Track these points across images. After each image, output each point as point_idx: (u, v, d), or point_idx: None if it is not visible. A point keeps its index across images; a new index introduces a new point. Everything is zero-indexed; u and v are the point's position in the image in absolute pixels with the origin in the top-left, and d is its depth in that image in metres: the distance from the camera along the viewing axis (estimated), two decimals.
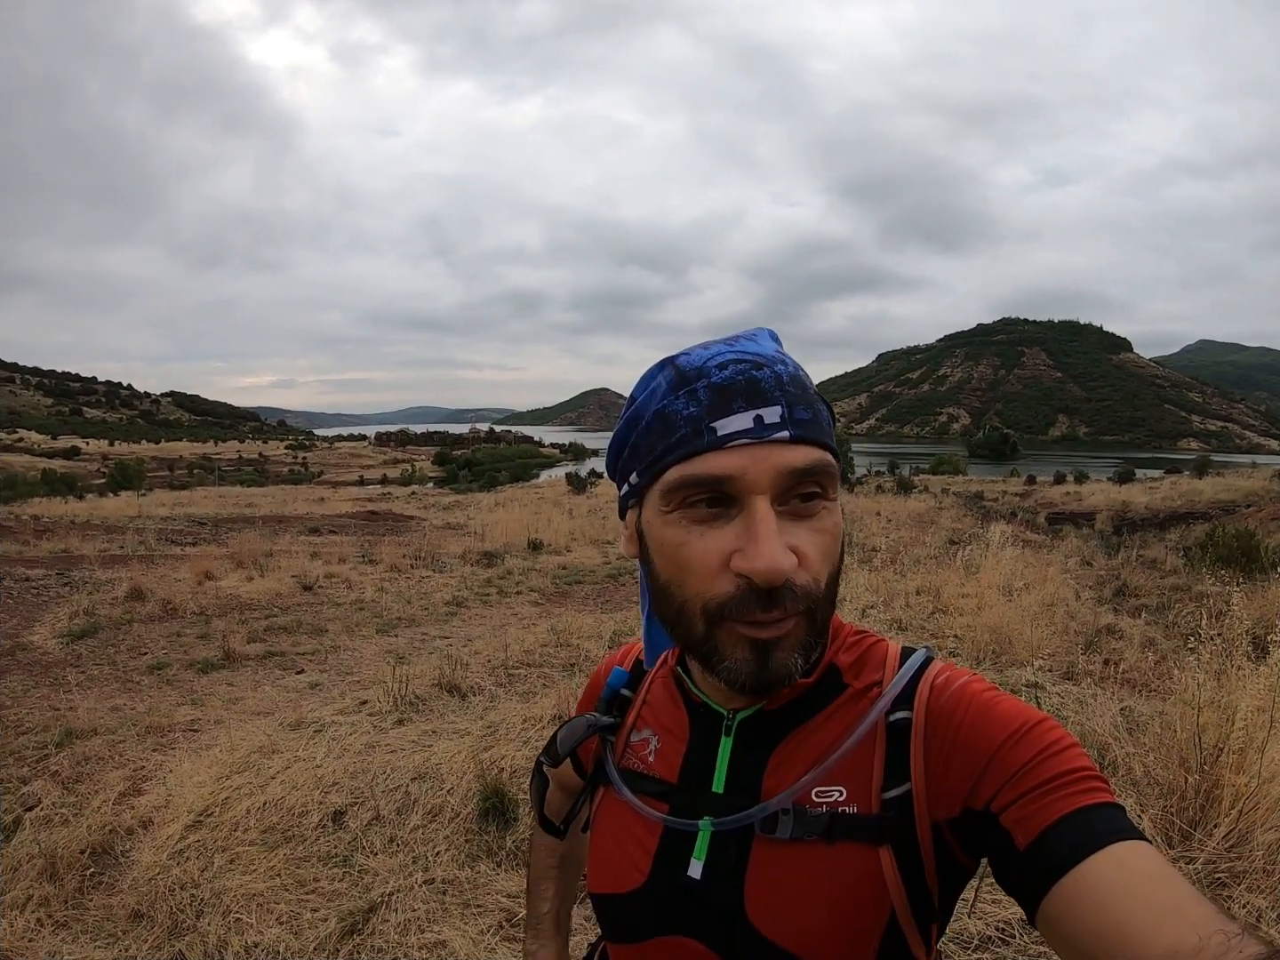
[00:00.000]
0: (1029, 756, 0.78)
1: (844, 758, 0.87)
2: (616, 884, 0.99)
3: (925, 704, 0.87)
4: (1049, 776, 0.76)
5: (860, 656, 0.95)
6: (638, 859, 0.96)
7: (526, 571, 14.20)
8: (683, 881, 0.92)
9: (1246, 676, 4.51)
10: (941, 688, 0.88)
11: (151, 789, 4.83)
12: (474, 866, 3.92)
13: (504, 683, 7.03)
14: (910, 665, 0.91)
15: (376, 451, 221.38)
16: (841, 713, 0.91)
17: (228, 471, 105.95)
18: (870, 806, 0.85)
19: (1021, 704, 0.85)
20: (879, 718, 0.88)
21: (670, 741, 1.01)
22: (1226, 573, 10.93)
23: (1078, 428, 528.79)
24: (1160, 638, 8.51)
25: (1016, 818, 0.75)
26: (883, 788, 0.85)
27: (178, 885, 3.72)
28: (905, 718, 0.87)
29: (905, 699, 0.89)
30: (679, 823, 0.93)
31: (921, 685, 0.89)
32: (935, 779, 0.83)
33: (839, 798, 0.86)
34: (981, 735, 0.81)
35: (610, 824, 1.03)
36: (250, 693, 7.07)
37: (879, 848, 0.84)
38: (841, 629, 0.97)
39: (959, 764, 0.82)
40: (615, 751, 1.07)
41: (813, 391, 0.85)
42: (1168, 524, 24.98)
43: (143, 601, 10.42)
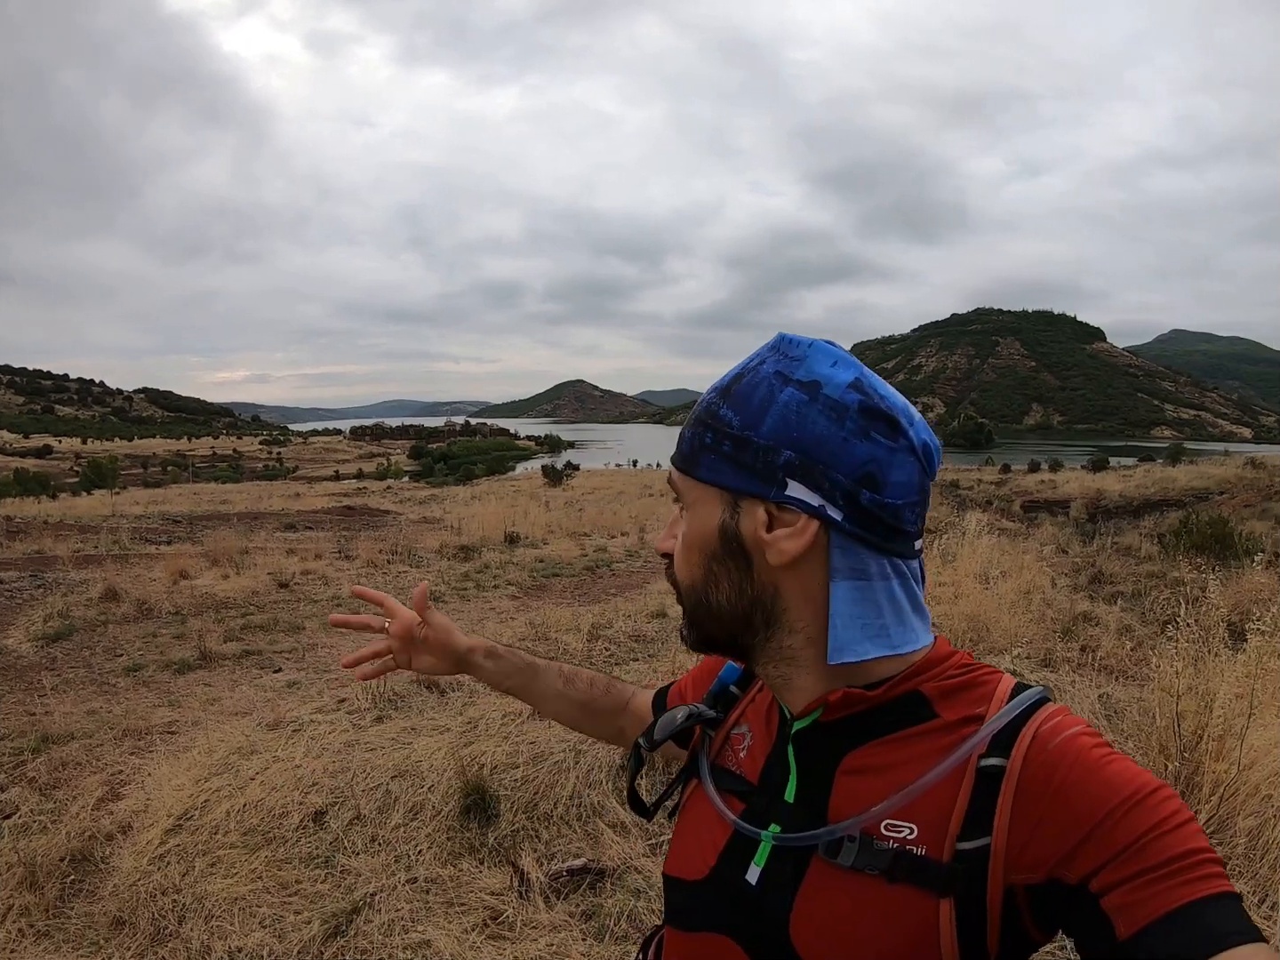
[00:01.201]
0: (1140, 832, 0.71)
1: (922, 793, 0.83)
2: (685, 870, 0.99)
3: (1024, 752, 0.80)
4: (1163, 859, 0.70)
5: (960, 687, 0.88)
6: (707, 852, 0.97)
7: (504, 565, 14.18)
8: (740, 884, 0.91)
9: (1224, 663, 4.56)
10: (1046, 736, 0.80)
11: (130, 793, 4.81)
12: (456, 864, 3.92)
13: None
14: (1016, 705, 0.84)
15: (352, 446, 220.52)
16: (925, 742, 0.86)
17: (202, 468, 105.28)
18: (941, 852, 0.80)
19: (1135, 767, 0.78)
20: (969, 758, 0.82)
21: (760, 742, 1.00)
22: (1201, 560, 11.03)
23: (1052, 416, 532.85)
24: (1136, 624, 8.58)
25: (1121, 903, 0.69)
26: (959, 836, 0.80)
27: (159, 891, 3.72)
28: (999, 764, 0.80)
29: (1004, 743, 0.81)
30: (745, 828, 0.93)
31: (1025, 731, 0.81)
32: (1020, 838, 0.77)
33: (909, 835, 0.82)
34: (1085, 799, 0.75)
35: (694, 812, 1.04)
36: (228, 693, 7.03)
37: (941, 899, 0.79)
38: (948, 658, 0.91)
39: (1053, 827, 0.76)
40: (713, 746, 1.07)
41: (694, 416, 0.94)
42: (1142, 511, 25.25)
43: (118, 602, 10.32)
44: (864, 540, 0.84)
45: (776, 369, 0.88)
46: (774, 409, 0.85)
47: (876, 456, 0.83)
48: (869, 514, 0.83)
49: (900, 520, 0.85)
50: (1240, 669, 4.43)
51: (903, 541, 0.86)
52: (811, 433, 0.84)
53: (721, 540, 0.89)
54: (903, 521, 0.85)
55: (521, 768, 4.63)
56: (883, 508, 0.83)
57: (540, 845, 4.07)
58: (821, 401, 0.84)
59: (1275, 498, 24.52)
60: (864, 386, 0.85)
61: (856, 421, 0.83)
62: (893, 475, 0.84)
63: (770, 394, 0.86)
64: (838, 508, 0.83)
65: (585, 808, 4.35)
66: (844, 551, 0.85)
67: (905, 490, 0.85)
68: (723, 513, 0.88)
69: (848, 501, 0.83)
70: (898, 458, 0.84)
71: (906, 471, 0.85)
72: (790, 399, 0.85)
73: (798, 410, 0.84)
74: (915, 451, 0.86)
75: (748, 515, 0.87)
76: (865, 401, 0.84)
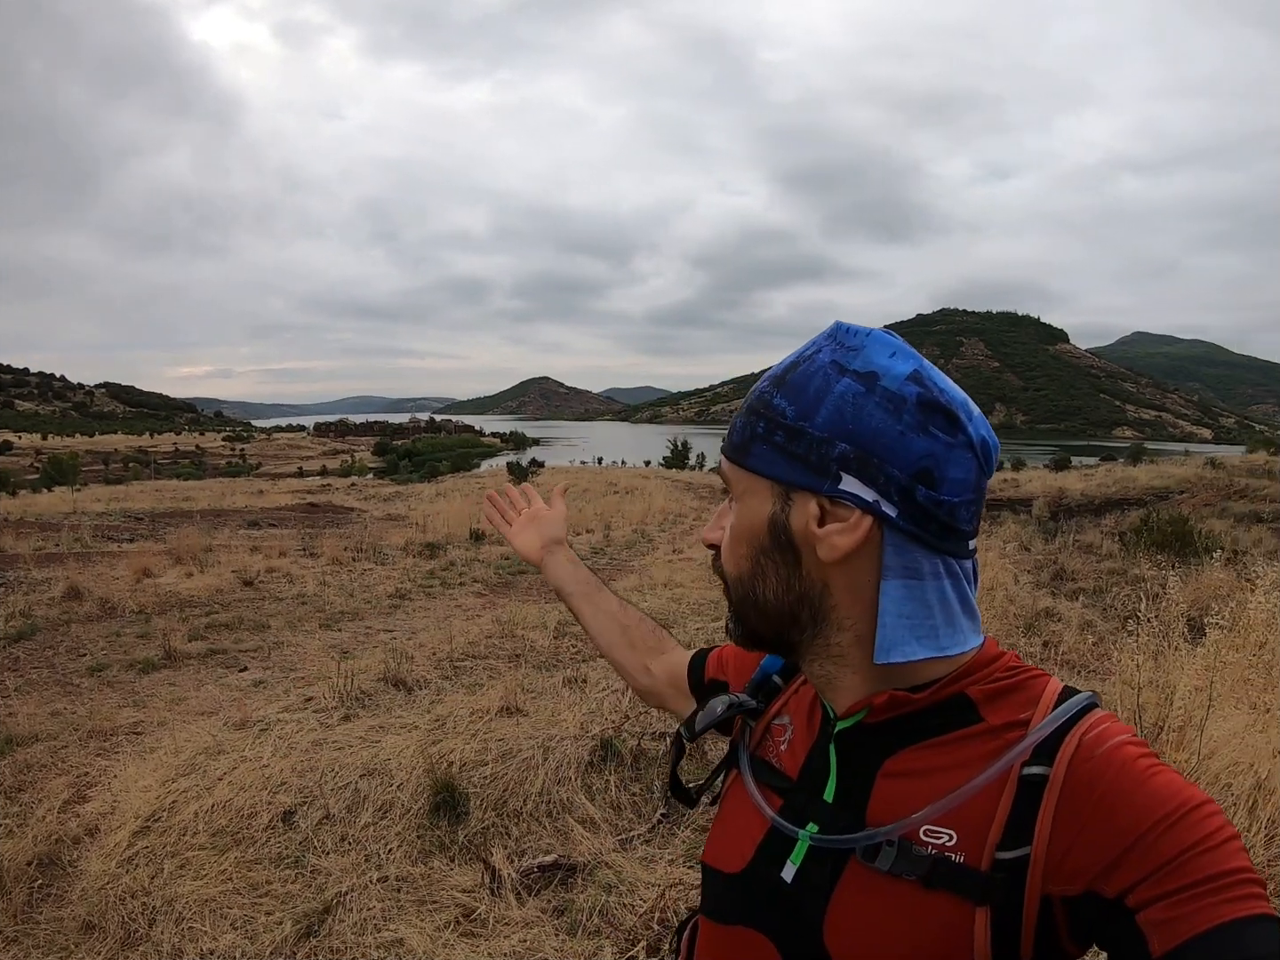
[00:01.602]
0: (1181, 848, 0.70)
1: (963, 800, 0.81)
2: (723, 862, 0.99)
3: (1068, 762, 0.78)
4: (1202, 877, 0.68)
5: (1007, 690, 0.86)
6: (745, 845, 0.96)
7: (469, 562, 14.19)
8: (775, 881, 0.90)
9: (1184, 657, 4.64)
10: (1090, 745, 0.78)
11: (96, 795, 4.78)
12: (427, 862, 3.94)
13: (450, 675, 7.06)
14: (1063, 712, 0.82)
15: (316, 442, 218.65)
16: (969, 747, 0.84)
17: (164, 465, 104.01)
18: (980, 861, 0.78)
19: (1180, 780, 0.75)
20: (1012, 765, 0.80)
21: (801, 737, 0.99)
22: (1162, 557, 11.22)
23: (1015, 416, 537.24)
24: (1098, 620, 8.73)
25: (1157, 919, 0.68)
26: (999, 845, 0.78)
27: (128, 894, 3.71)
28: (1042, 774, 0.78)
29: (1048, 751, 0.79)
30: (784, 825, 0.92)
31: (1069, 739, 0.79)
32: (1060, 849, 0.75)
33: (948, 842, 0.80)
34: (1127, 812, 0.73)
35: (733, 803, 1.03)
36: (193, 692, 6.99)
37: (978, 907, 0.77)
38: (996, 660, 0.89)
39: (1093, 838, 0.74)
40: (753, 736, 1.06)
41: (746, 405, 0.92)
42: (1103, 510, 25.48)
43: (80, 601, 10.21)
44: (918, 538, 0.82)
45: (833, 358, 0.85)
46: (829, 399, 0.83)
47: (934, 452, 0.81)
48: (924, 511, 0.81)
49: (955, 519, 0.83)
50: (1199, 662, 4.52)
51: (957, 540, 0.84)
52: (868, 425, 0.82)
53: (771, 533, 0.87)
54: (958, 520, 0.83)
55: (490, 765, 4.65)
56: (939, 505, 0.82)
57: (510, 842, 4.09)
58: (879, 393, 0.82)
59: (1234, 497, 24.85)
60: (923, 379, 0.84)
61: (914, 415, 0.81)
62: (950, 472, 0.82)
63: (826, 384, 0.84)
64: (892, 504, 0.81)
65: (555, 804, 4.38)
66: (897, 549, 0.83)
67: (962, 488, 0.83)
68: (773, 505, 0.86)
69: (903, 498, 0.81)
70: (955, 454, 0.82)
71: (964, 468, 0.83)
72: (847, 390, 0.83)
73: (854, 402, 0.82)
74: (974, 448, 0.84)
75: (799, 508, 0.85)
76: (924, 395, 0.82)
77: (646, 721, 5.23)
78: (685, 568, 12.95)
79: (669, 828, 4.32)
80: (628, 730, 5.08)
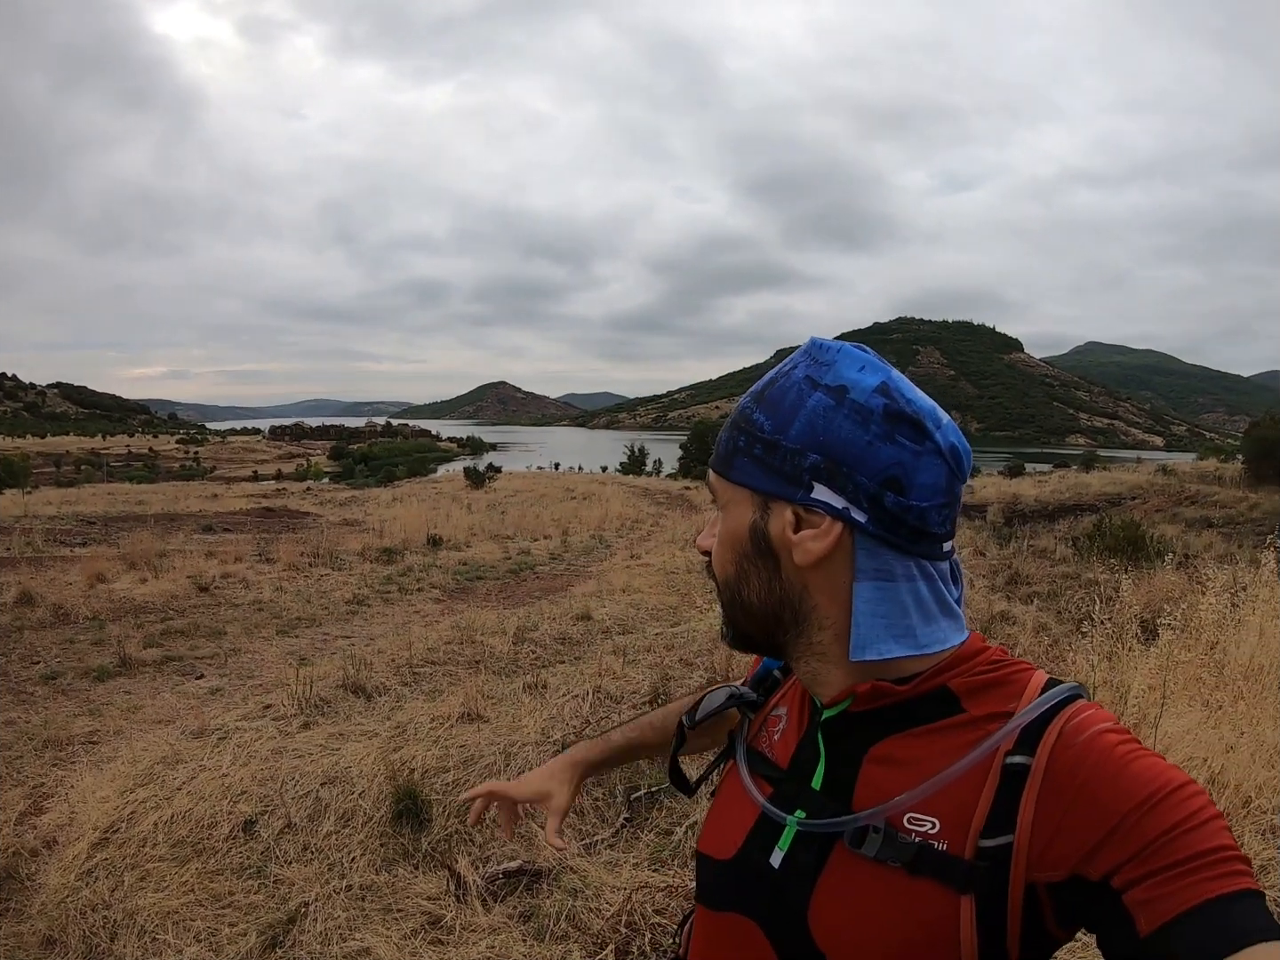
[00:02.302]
0: (1164, 828, 0.71)
1: (946, 787, 0.83)
2: (716, 849, 1.01)
3: (1050, 749, 0.80)
4: (1185, 856, 0.70)
5: (990, 684, 0.89)
6: (736, 832, 0.99)
7: (427, 568, 14.14)
8: (763, 867, 0.93)
9: (1137, 657, 4.73)
10: (1072, 733, 0.81)
11: (54, 806, 4.73)
12: (391, 870, 3.93)
13: (409, 682, 7.04)
14: (1045, 700, 0.84)
15: (271, 446, 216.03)
16: (951, 736, 0.86)
17: (117, 467, 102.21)
18: (964, 848, 0.80)
19: (1162, 763, 0.78)
20: (994, 753, 0.83)
21: (793, 728, 1.02)
22: (1115, 561, 11.44)
23: (970, 424, 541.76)
24: (1052, 623, 8.88)
25: (1143, 899, 0.70)
26: (982, 833, 0.80)
27: (89, 907, 3.67)
28: (1024, 763, 0.81)
29: (1030, 739, 0.82)
30: (773, 811, 0.95)
31: (1051, 727, 0.82)
32: (1043, 836, 0.77)
33: (931, 829, 0.82)
34: (1109, 796, 0.75)
35: (728, 793, 1.06)
36: (149, 700, 6.93)
37: (962, 895, 0.79)
38: (978, 654, 0.92)
39: (1076, 824, 0.76)
40: (751, 728, 1.10)
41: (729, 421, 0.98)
42: (1057, 516, 25.82)
43: (33, 607, 10.04)
44: (888, 542, 0.86)
45: (806, 374, 0.90)
46: (802, 413, 0.88)
47: (901, 460, 0.85)
48: (893, 516, 0.85)
49: (926, 522, 0.86)
50: (1153, 662, 4.61)
51: (929, 543, 0.88)
52: (837, 436, 0.86)
53: (752, 539, 0.92)
54: (929, 524, 0.87)
55: (452, 771, 4.65)
56: (907, 510, 0.85)
57: (474, 849, 4.09)
58: (848, 406, 0.87)
59: (1185, 503, 25.35)
60: (890, 390, 0.88)
61: (881, 425, 0.86)
62: (918, 478, 0.86)
63: (800, 398, 0.89)
64: (862, 510, 0.85)
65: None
66: (868, 553, 0.87)
67: (932, 493, 0.86)
68: (753, 513, 0.92)
69: (872, 504, 0.85)
70: (924, 460, 0.86)
71: (933, 474, 0.87)
72: (818, 403, 0.88)
73: (824, 414, 0.87)
74: (942, 454, 0.87)
75: (776, 516, 0.90)
76: (890, 405, 0.86)
77: (608, 727, 5.25)
78: (643, 573, 12.98)
79: (633, 831, 4.35)
80: (589, 735, 5.08)
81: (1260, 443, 28.78)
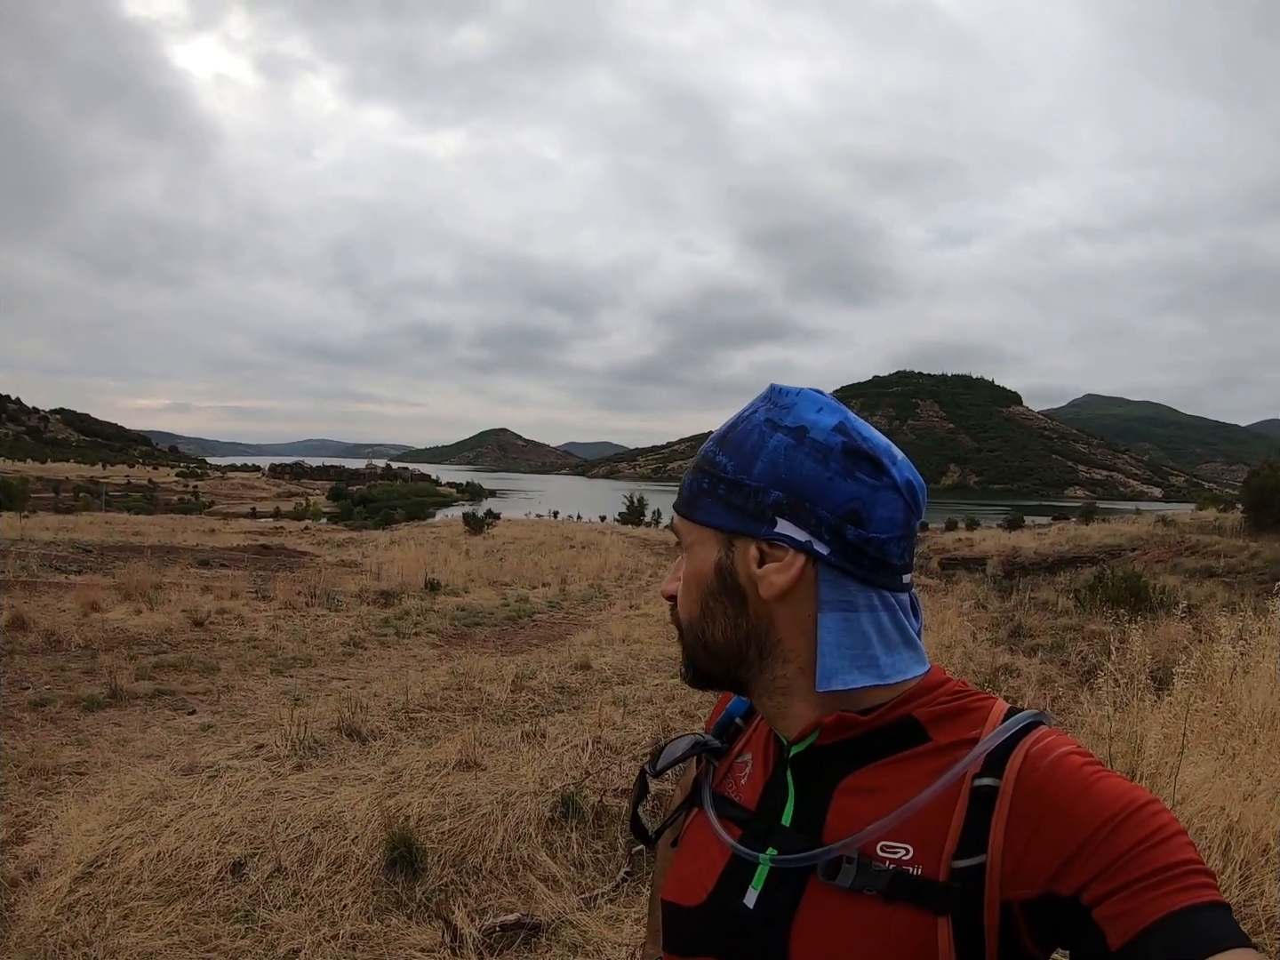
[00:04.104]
0: (1129, 844, 0.74)
1: (916, 813, 0.85)
2: (684, 896, 1.00)
3: (1017, 772, 0.82)
4: (1151, 870, 0.72)
5: (954, 713, 0.91)
6: (706, 877, 0.97)
7: (424, 612, 14.09)
8: (736, 908, 0.92)
9: (1149, 708, 4.71)
10: (1037, 756, 0.83)
11: (37, 836, 4.63)
12: (384, 919, 3.83)
13: (405, 727, 6.93)
14: (1009, 726, 0.87)
15: (270, 483, 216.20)
16: (918, 765, 0.88)
17: (115, 497, 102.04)
18: (938, 871, 0.82)
19: (1125, 783, 0.80)
20: (962, 778, 0.85)
21: (759, 771, 1.02)
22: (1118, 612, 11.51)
23: (969, 477, 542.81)
24: (1057, 675, 8.81)
25: (1112, 914, 0.71)
26: (955, 855, 0.82)
27: (68, 943, 3.56)
28: (992, 785, 0.83)
29: (997, 764, 0.84)
30: (744, 851, 0.94)
31: (1017, 751, 0.84)
32: (1015, 855, 0.79)
33: (905, 855, 0.84)
34: (1076, 815, 0.77)
35: (694, 839, 1.05)
36: (139, 734, 6.83)
37: (939, 917, 0.80)
38: (941, 685, 0.94)
39: (1046, 843, 0.78)
40: (716, 774, 1.09)
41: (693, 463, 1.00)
42: (1057, 568, 25.82)
43: (25, 631, 9.99)
44: (850, 573, 0.89)
45: (767, 417, 0.94)
46: (764, 454, 0.91)
47: (861, 495, 0.89)
48: (854, 548, 0.88)
49: (886, 554, 0.90)
50: (1166, 711, 4.61)
51: (889, 575, 0.91)
52: (799, 474, 0.89)
53: (718, 577, 0.94)
54: (888, 555, 0.90)
55: (448, 819, 4.54)
56: (867, 542, 0.88)
57: (470, 900, 3.99)
58: (808, 445, 0.90)
59: (1186, 553, 25.33)
60: (848, 429, 0.91)
61: (840, 462, 0.89)
62: (877, 512, 0.89)
63: (761, 440, 0.92)
64: (824, 543, 0.88)
65: (515, 861, 4.29)
66: (831, 585, 0.90)
67: (890, 525, 0.90)
68: (718, 551, 0.94)
69: (834, 537, 0.88)
70: (881, 495, 0.90)
71: (890, 508, 0.90)
72: (779, 444, 0.91)
73: (785, 454, 0.90)
74: (899, 489, 0.91)
75: (741, 553, 0.92)
76: (848, 443, 0.90)
77: (608, 778, 5.17)
78: (643, 623, 12.93)
79: (634, 886, 4.25)
80: (589, 786, 5.00)
81: (1259, 491, 28.91)
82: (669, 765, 1.10)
